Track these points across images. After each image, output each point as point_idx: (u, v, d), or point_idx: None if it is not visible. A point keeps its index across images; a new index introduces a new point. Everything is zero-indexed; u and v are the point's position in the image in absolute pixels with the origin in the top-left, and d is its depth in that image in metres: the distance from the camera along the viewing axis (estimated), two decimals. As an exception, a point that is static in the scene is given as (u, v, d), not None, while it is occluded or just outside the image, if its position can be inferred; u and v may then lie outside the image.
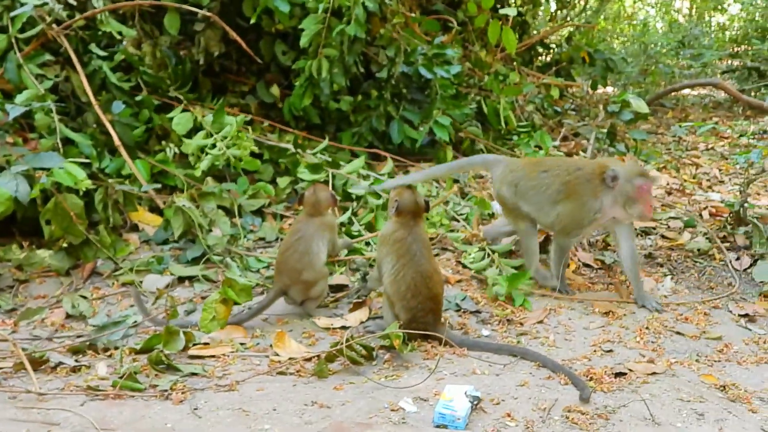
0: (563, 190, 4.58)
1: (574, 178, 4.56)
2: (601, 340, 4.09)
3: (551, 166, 4.73)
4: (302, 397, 3.36)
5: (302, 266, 4.20)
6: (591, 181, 4.52)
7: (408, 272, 3.93)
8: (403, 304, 3.93)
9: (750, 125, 9.10)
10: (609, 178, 4.44)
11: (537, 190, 4.66)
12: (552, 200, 4.62)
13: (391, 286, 3.98)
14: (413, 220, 4.05)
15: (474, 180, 6.37)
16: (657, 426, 3.22)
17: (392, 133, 6.46)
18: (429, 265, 3.98)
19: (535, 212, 4.71)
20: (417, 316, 3.91)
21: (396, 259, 3.97)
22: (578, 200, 4.53)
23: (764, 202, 6.38)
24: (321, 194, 4.39)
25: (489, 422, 3.21)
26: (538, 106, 8.30)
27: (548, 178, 4.64)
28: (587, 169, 4.59)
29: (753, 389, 3.61)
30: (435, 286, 3.98)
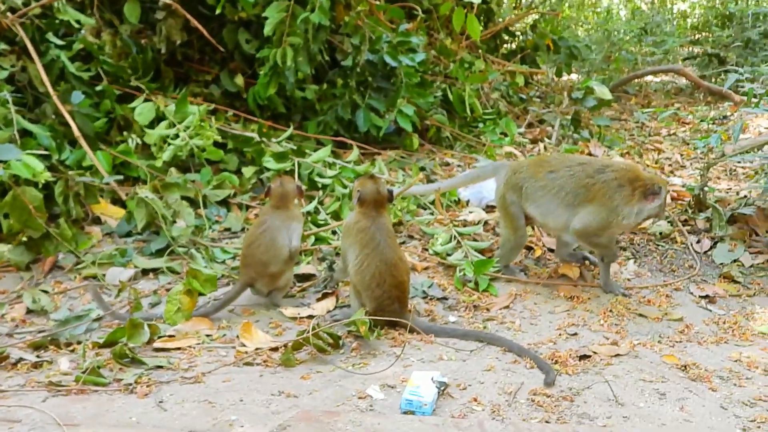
0: (583, 193, 4.41)
1: (599, 182, 4.39)
2: (566, 324, 4.14)
3: (558, 166, 4.54)
4: (269, 387, 3.35)
5: (268, 259, 4.17)
6: (624, 188, 4.36)
7: (372, 262, 3.92)
8: (369, 294, 3.93)
9: (710, 111, 9.25)
10: (650, 192, 4.34)
11: (546, 191, 4.50)
12: (567, 203, 4.45)
13: (356, 275, 3.98)
14: (376, 209, 4.03)
15: (440, 167, 6.38)
16: (620, 406, 3.27)
17: (358, 121, 6.43)
18: (393, 253, 3.97)
19: (544, 215, 4.55)
20: (383, 304, 3.92)
21: (360, 248, 3.97)
22: (608, 203, 4.36)
23: (724, 185, 6.50)
24: (288, 186, 4.35)
25: (456, 407, 3.23)
26: (504, 94, 8.34)
27: (560, 179, 4.48)
28: (616, 175, 4.40)
29: (713, 368, 3.69)
30: (400, 274, 3.98)
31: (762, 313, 4.42)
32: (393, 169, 6.07)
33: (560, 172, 4.50)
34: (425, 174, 6.12)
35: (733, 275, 4.81)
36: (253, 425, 3.00)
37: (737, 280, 4.79)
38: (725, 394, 3.44)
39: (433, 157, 6.67)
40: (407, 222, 5.24)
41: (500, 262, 4.71)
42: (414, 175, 5.77)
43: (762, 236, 5.26)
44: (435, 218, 5.26)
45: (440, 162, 6.56)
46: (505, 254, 4.72)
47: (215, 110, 6.11)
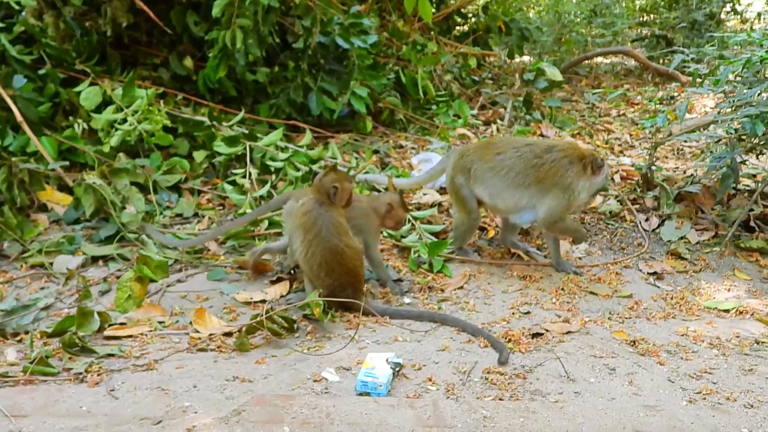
0: (533, 173, 4.43)
1: (548, 162, 4.41)
2: (519, 303, 4.20)
3: (506, 148, 4.54)
4: (223, 372, 3.33)
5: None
6: (573, 165, 4.40)
7: (317, 250, 3.88)
8: (319, 283, 3.91)
9: (658, 91, 9.43)
10: (596, 166, 4.43)
11: (495, 173, 4.51)
12: (517, 184, 4.46)
13: (304, 264, 3.95)
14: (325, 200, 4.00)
15: (394, 150, 6.38)
16: (572, 382, 3.34)
17: (311, 104, 6.36)
18: (339, 240, 3.92)
19: (493, 196, 4.55)
20: (335, 292, 3.89)
21: (303, 234, 3.92)
22: (562, 181, 4.40)
23: (672, 165, 6.65)
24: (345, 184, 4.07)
25: (411, 387, 3.26)
26: (456, 76, 8.35)
27: (508, 161, 4.48)
28: (564, 153, 4.43)
29: (661, 343, 3.78)
30: (348, 260, 3.94)
31: (708, 288, 4.55)
32: (346, 153, 6.05)
33: (508, 154, 4.51)
34: (379, 157, 6.11)
35: (680, 252, 4.93)
36: (207, 411, 2.97)
37: (684, 256, 4.91)
38: (672, 367, 3.53)
39: (386, 139, 6.66)
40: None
41: (454, 244, 4.74)
42: (367, 158, 5.76)
43: (707, 213, 5.40)
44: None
45: (394, 145, 6.56)
46: (459, 236, 4.74)
47: (164, 94, 5.99)
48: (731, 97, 5.25)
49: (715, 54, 5.71)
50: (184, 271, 4.42)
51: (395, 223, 4.46)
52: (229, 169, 5.49)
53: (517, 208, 4.53)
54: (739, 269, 4.85)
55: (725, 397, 3.26)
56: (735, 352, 3.73)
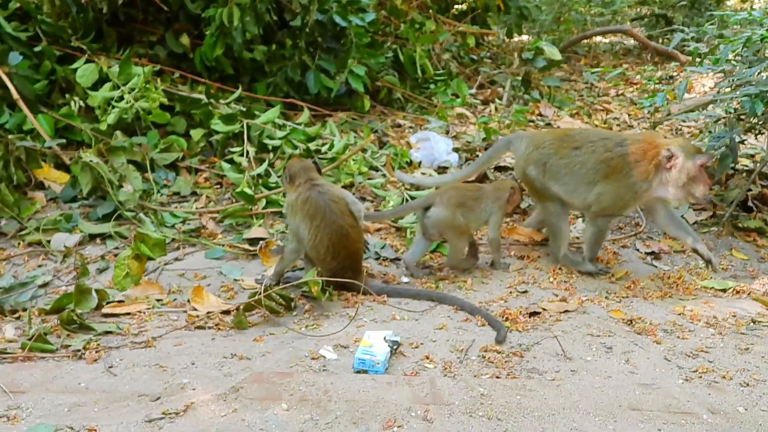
0: (602, 169, 4.23)
1: (617, 156, 4.21)
2: (516, 282, 4.21)
3: (583, 142, 4.32)
4: (221, 350, 3.34)
5: None
6: (640, 162, 4.17)
7: (325, 234, 3.88)
8: (324, 265, 3.92)
9: (657, 71, 9.40)
10: (664, 159, 4.13)
11: (570, 169, 4.30)
12: (588, 180, 4.27)
13: (311, 249, 3.94)
14: (309, 179, 3.99)
15: (392, 129, 6.35)
16: (568, 360, 3.35)
17: (308, 82, 6.33)
18: (344, 220, 3.93)
19: (567, 193, 4.35)
20: (337, 275, 3.89)
21: (310, 221, 3.90)
22: (624, 180, 4.19)
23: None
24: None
25: (408, 365, 3.27)
26: (455, 55, 8.31)
27: (582, 156, 4.28)
28: (633, 148, 4.21)
29: (657, 322, 3.80)
30: (353, 243, 3.96)
31: (705, 267, 4.56)
32: (344, 131, 6.02)
33: (583, 148, 4.30)
34: (377, 136, 6.09)
35: (678, 232, 4.92)
36: (206, 388, 2.98)
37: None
38: (669, 346, 3.55)
39: (384, 118, 6.64)
40: (359, 184, 5.22)
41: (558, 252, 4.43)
42: (365, 136, 5.74)
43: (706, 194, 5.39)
44: (387, 180, 5.25)
45: (392, 124, 6.53)
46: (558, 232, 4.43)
47: (161, 72, 5.95)
48: (731, 76, 5.23)
49: (715, 33, 5.67)
50: (182, 250, 4.41)
51: (514, 207, 4.59)
52: (227, 148, 5.47)
53: (588, 206, 4.34)
54: (737, 249, 4.86)
55: (721, 375, 3.27)
56: (731, 332, 3.74)
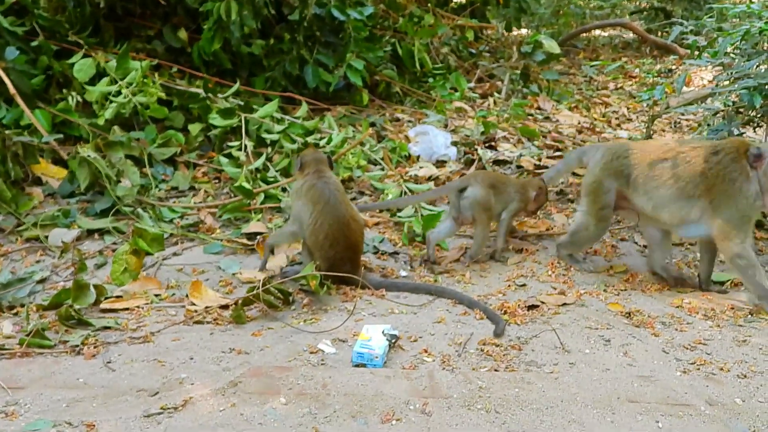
0: (702, 181, 3.91)
1: (716, 164, 3.89)
2: (515, 276, 4.21)
3: (674, 155, 4.03)
4: (220, 344, 3.34)
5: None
6: (737, 160, 3.87)
7: (325, 220, 3.90)
8: (321, 254, 3.92)
9: (656, 64, 9.38)
10: (751, 156, 3.83)
11: (660, 183, 4.02)
12: (686, 194, 3.95)
13: (310, 236, 3.95)
14: (318, 170, 4.04)
15: (390, 123, 6.34)
16: (567, 353, 3.35)
17: (306, 76, 6.32)
18: (345, 210, 3.97)
19: (657, 208, 4.06)
20: (335, 265, 3.89)
21: (312, 206, 3.93)
22: (731, 187, 3.86)
23: (669, 138, 6.63)
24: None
25: (406, 359, 3.27)
26: (453, 48, 8.30)
27: (676, 168, 3.98)
28: (727, 149, 3.92)
29: (656, 315, 3.80)
30: (353, 234, 3.96)
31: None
32: (343, 125, 6.01)
33: (675, 161, 4.00)
34: (375, 130, 6.08)
35: (676, 225, 4.91)
36: (204, 383, 2.98)
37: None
38: (667, 338, 3.55)
39: (383, 112, 6.63)
40: (358, 178, 5.22)
41: (565, 249, 4.37)
42: (364, 130, 5.73)
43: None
44: (385, 174, 5.25)
45: (390, 117, 6.53)
46: (576, 242, 4.33)
47: (159, 66, 5.94)
48: (729, 69, 5.21)
49: (714, 26, 5.65)
50: (180, 245, 4.41)
51: (537, 206, 4.63)
52: (225, 142, 5.46)
53: (685, 221, 4.04)
54: (735, 242, 4.85)
55: (719, 367, 3.27)
56: (729, 324, 3.74)
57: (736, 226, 3.87)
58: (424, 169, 5.42)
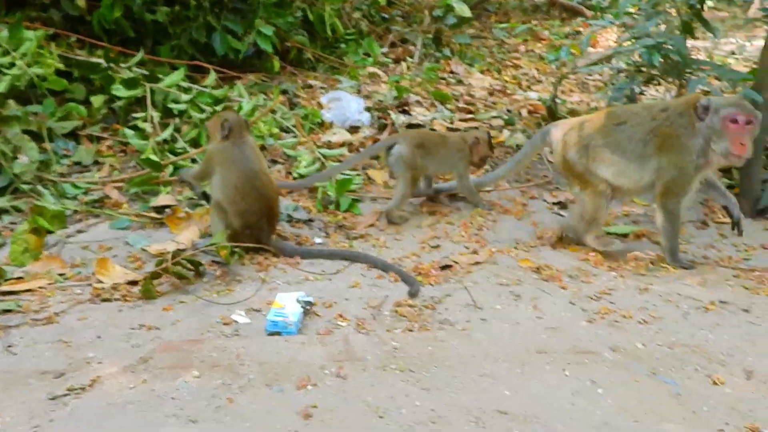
0: (652, 139, 3.89)
1: (663, 120, 3.88)
2: (428, 238, 4.25)
3: (627, 116, 4.01)
4: (129, 321, 3.25)
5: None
6: (683, 114, 3.86)
7: (233, 175, 3.89)
8: (234, 209, 3.87)
9: (564, 26, 9.57)
10: (701, 108, 3.81)
11: (616, 147, 3.96)
12: (639, 155, 3.92)
13: (222, 192, 3.91)
14: (241, 136, 3.99)
15: (303, 90, 6.26)
16: (479, 310, 3.43)
17: (214, 44, 6.13)
18: (257, 166, 3.96)
19: (616, 174, 4.00)
20: (250, 221, 3.86)
21: (221, 167, 3.92)
22: (676, 143, 3.84)
23: (576, 98, 6.80)
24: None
25: (321, 324, 3.27)
26: (366, 13, 8.21)
27: (628, 130, 3.95)
28: (676, 104, 3.97)
29: (563, 268, 3.92)
30: (264, 187, 3.94)
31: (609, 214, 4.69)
32: (254, 93, 5.88)
33: (629, 122, 3.98)
34: (287, 97, 5.98)
35: (583, 181, 5.05)
36: (113, 361, 2.91)
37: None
38: (574, 291, 3.67)
39: (295, 80, 6.53)
40: (270, 146, 5.14)
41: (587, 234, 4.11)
42: (275, 97, 5.63)
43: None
44: (298, 141, 5.18)
45: (303, 84, 6.43)
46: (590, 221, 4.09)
47: (56, 36, 5.63)
48: (630, 29, 5.37)
49: (616, -14, 5.81)
50: (85, 222, 4.25)
51: (479, 158, 4.67)
52: (130, 114, 5.25)
53: (643, 187, 4.02)
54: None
55: (622, 315, 3.42)
56: (632, 274, 3.91)
57: (677, 184, 3.90)
58: (337, 135, 5.38)
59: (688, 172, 3.89)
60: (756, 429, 2.69)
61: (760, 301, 3.67)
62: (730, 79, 4.83)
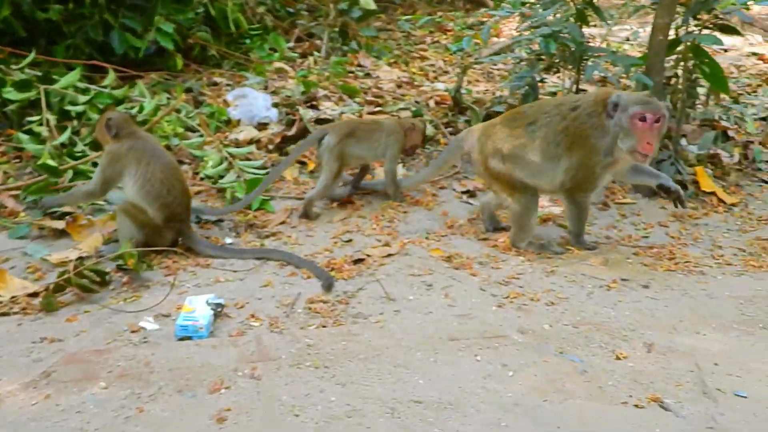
0: (563, 139, 3.88)
1: (573, 120, 3.88)
2: (341, 232, 4.26)
3: (537, 115, 3.98)
4: (30, 335, 3.12)
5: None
6: (593, 114, 3.85)
7: (156, 168, 3.84)
8: (160, 203, 3.83)
9: (469, 17, 9.73)
10: (611, 104, 3.79)
11: (530, 148, 3.94)
12: (552, 155, 3.91)
13: (141, 190, 3.84)
14: (133, 131, 3.97)
15: (207, 88, 6.13)
16: (392, 302, 3.46)
17: (113, 42, 5.92)
18: (171, 158, 4.00)
19: (533, 176, 3.97)
20: (175, 212, 3.86)
21: (137, 164, 3.85)
22: (586, 142, 3.83)
23: (482, 87, 6.92)
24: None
25: (233, 326, 3.23)
26: (270, 8, 8.09)
27: (540, 130, 3.93)
28: (586, 102, 3.92)
29: (474, 256, 4.00)
30: (183, 178, 4.02)
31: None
32: (156, 92, 5.72)
33: (539, 121, 3.96)
34: (192, 95, 5.85)
35: (491, 169, 5.16)
36: (12, 377, 2.78)
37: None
38: (484, 277, 3.76)
39: (199, 77, 6.38)
40: (175, 146, 5.00)
41: (521, 240, 4.09)
42: (178, 96, 5.49)
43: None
44: (204, 140, 5.08)
45: (208, 82, 6.30)
46: (524, 226, 4.06)
47: (-63, 38, 5.33)
48: (529, 18, 5.51)
49: (515, -23, 5.93)
50: (-8, 234, 4.05)
51: (411, 145, 4.72)
52: (24, 117, 5.01)
53: (558, 186, 4.01)
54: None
55: (530, 298, 3.52)
56: (539, 258, 4.02)
57: (585, 182, 3.94)
58: (244, 132, 5.30)
59: (596, 171, 3.92)
60: (657, 399, 2.83)
61: (658, 276, 3.86)
62: (623, 65, 5.03)
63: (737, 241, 4.34)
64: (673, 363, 3.07)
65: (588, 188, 3.97)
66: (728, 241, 4.34)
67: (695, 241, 4.35)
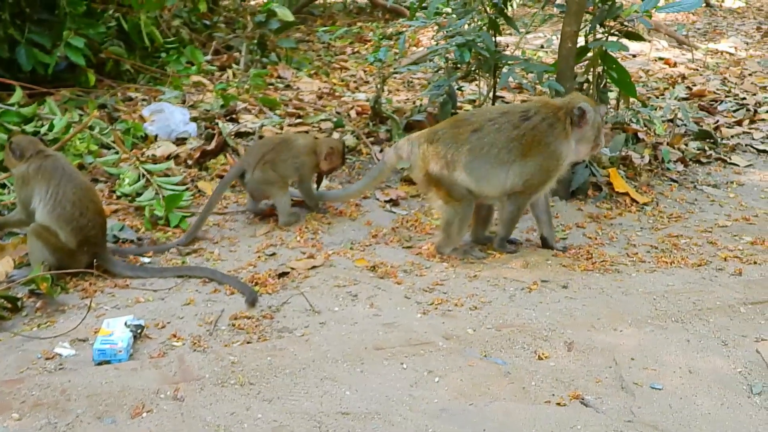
0: (516, 146, 3.98)
1: (530, 128, 3.99)
2: (264, 246, 4.21)
3: (481, 123, 4.04)
4: (-66, 368, 2.96)
5: None
6: (555, 125, 4.01)
7: (68, 189, 3.72)
8: (73, 226, 3.70)
9: (387, 27, 9.82)
10: (577, 117, 4.00)
11: (477, 155, 3.98)
12: (502, 161, 3.98)
13: (52, 213, 3.70)
14: (40, 150, 3.86)
15: (123, 103, 5.98)
16: (317, 314, 3.45)
17: (19, 59, 5.73)
18: (83, 178, 3.91)
19: (477, 181, 4.02)
20: (89, 235, 3.74)
21: (47, 184, 3.72)
22: (546, 150, 3.99)
23: (403, 97, 7.00)
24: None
25: (155, 347, 3.15)
26: (186, 21, 7.98)
27: (487, 137, 3.99)
28: (544, 113, 4.03)
29: (398, 264, 4.03)
30: (97, 199, 3.90)
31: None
32: (68, 109, 5.54)
33: (485, 128, 4.03)
34: (106, 111, 5.70)
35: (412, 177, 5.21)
36: None
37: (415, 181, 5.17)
38: (408, 285, 3.79)
39: (114, 92, 6.24)
40: (90, 164, 4.86)
41: (446, 246, 4.13)
42: (90, 113, 5.33)
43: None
44: (120, 157, 4.94)
45: (122, 97, 6.15)
46: (454, 232, 4.11)
47: None
48: (444, 27, 5.60)
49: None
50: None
51: (329, 168, 4.68)
52: (-77, 141, 4.77)
53: (506, 191, 4.09)
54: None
55: (454, 303, 3.57)
56: (462, 263, 4.08)
57: (537, 185, 4.06)
58: (162, 148, 5.19)
59: (551, 175, 4.08)
60: (579, 396, 2.91)
61: (576, 276, 3.97)
62: (536, 72, 5.17)
63: (650, 239, 4.51)
64: (593, 360, 3.17)
65: (535, 192, 4.11)
66: (641, 239, 4.50)
67: (611, 240, 4.50)
